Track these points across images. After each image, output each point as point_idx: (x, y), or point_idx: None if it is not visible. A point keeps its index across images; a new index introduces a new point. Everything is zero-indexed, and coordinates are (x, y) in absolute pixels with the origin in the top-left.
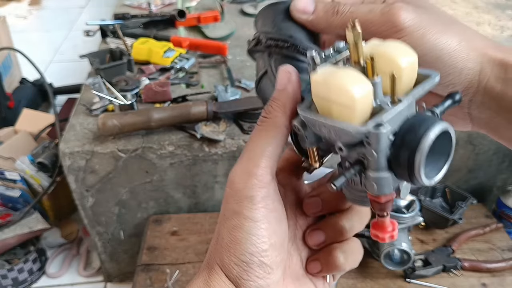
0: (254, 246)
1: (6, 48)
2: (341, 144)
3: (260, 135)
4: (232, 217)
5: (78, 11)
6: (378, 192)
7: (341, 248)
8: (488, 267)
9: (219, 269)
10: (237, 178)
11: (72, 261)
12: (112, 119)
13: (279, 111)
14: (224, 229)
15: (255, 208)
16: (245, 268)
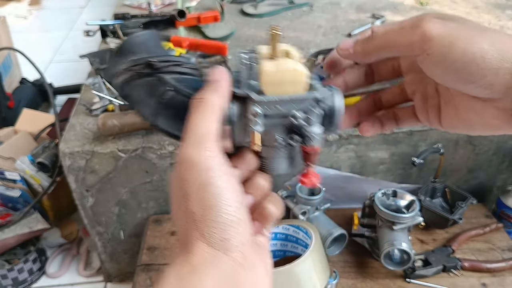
0: (227, 206)
1: (6, 48)
2: (296, 113)
3: (198, 116)
4: (198, 190)
5: (78, 11)
6: (317, 144)
7: (270, 201)
8: (488, 267)
9: (198, 242)
10: (191, 155)
11: (72, 261)
12: (112, 119)
13: (214, 94)
14: (192, 205)
15: (217, 175)
16: (225, 228)
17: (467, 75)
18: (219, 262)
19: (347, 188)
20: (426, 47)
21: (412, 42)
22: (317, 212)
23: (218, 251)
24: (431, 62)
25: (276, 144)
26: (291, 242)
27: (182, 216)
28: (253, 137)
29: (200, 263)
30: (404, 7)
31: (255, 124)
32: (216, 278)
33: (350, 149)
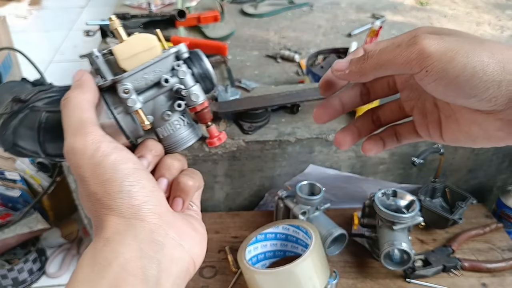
0: (126, 175)
1: (6, 48)
2: (166, 75)
3: (69, 111)
4: (92, 171)
5: (78, 11)
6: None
7: (183, 174)
8: (488, 267)
9: (108, 216)
10: (75, 143)
11: (72, 261)
12: None
13: (77, 91)
14: (92, 186)
15: (107, 151)
16: (130, 195)
17: (469, 89)
18: (134, 228)
19: (347, 188)
20: (425, 65)
21: (409, 60)
22: (317, 212)
23: (131, 219)
24: (431, 79)
25: (167, 119)
26: (291, 242)
27: (88, 201)
28: (139, 117)
29: (113, 234)
30: (404, 7)
31: (133, 102)
32: (131, 242)
33: (350, 149)
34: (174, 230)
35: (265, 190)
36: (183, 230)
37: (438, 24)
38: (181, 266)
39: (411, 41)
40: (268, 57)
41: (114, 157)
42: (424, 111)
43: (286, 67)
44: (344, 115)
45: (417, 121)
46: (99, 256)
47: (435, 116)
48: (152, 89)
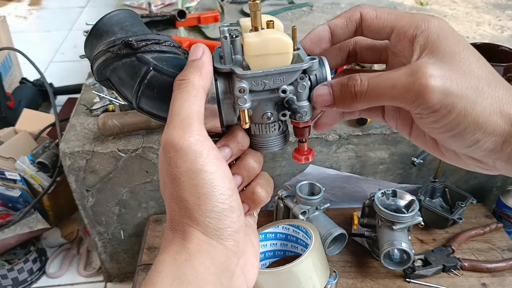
0: (221, 195)
1: (6, 48)
2: (285, 87)
3: (182, 97)
4: (189, 177)
5: (78, 11)
6: (307, 118)
7: (259, 184)
8: (488, 267)
9: (193, 230)
10: (179, 140)
11: (72, 261)
12: (112, 119)
13: (196, 74)
14: (185, 192)
15: (208, 161)
16: (219, 217)
17: (463, 139)
18: (214, 250)
19: (347, 188)
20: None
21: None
22: (317, 212)
23: (212, 239)
24: (427, 122)
25: (266, 121)
26: (291, 242)
27: (173, 202)
28: (242, 116)
29: (196, 251)
30: (404, 7)
31: (243, 101)
32: (210, 265)
33: (350, 149)
34: (243, 259)
35: None
36: (249, 258)
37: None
38: None
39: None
40: None
41: (214, 170)
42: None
43: None
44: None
45: (387, 112)
46: (179, 270)
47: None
48: (265, 93)
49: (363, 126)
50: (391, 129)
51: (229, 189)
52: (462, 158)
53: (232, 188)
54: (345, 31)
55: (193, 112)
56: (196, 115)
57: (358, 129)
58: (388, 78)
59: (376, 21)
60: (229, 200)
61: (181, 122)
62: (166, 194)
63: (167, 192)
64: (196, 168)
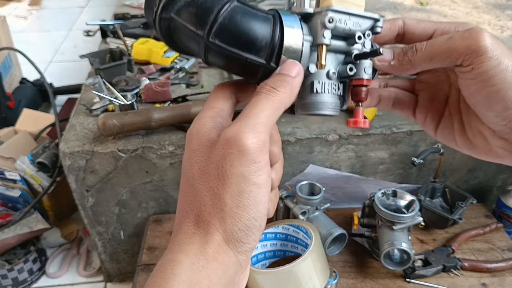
0: (259, 212)
1: (6, 48)
2: (360, 33)
3: (267, 104)
4: (238, 182)
5: (78, 11)
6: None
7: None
8: (488, 267)
9: (218, 232)
10: (246, 140)
11: (72, 261)
12: (112, 119)
13: (288, 91)
14: (227, 194)
15: (261, 173)
16: (247, 233)
17: (494, 102)
18: (228, 261)
19: (347, 188)
20: (477, 61)
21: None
22: (317, 212)
23: (230, 250)
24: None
25: (331, 76)
26: (291, 242)
27: (209, 197)
28: (321, 53)
29: (213, 258)
30: (404, 7)
31: (328, 34)
32: (222, 276)
33: (350, 149)
34: (245, 273)
35: None
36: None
37: None
38: None
39: (465, 34)
40: None
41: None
42: (432, 98)
43: None
44: (344, 113)
45: (421, 105)
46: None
47: (440, 108)
48: (339, 40)
49: None
50: (391, 129)
51: (266, 208)
52: (490, 141)
53: (268, 208)
54: (388, 33)
55: (270, 123)
56: (270, 127)
57: (358, 129)
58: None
59: (418, 25)
60: (262, 219)
61: (256, 126)
62: (201, 185)
63: (205, 185)
64: (249, 176)
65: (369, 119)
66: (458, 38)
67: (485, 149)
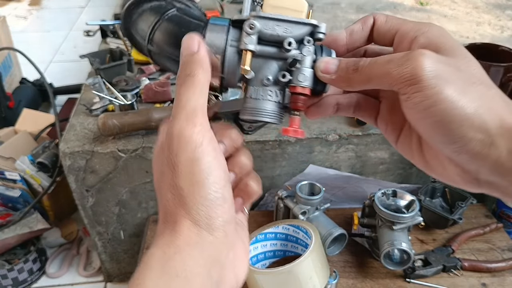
0: (215, 184)
1: (6, 48)
2: (291, 39)
3: (189, 92)
4: (188, 165)
5: (78, 11)
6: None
7: (252, 178)
8: (488, 267)
9: (184, 219)
10: (183, 130)
11: (72, 261)
12: (112, 119)
13: (199, 70)
14: (180, 180)
15: (206, 151)
16: (211, 205)
17: (448, 131)
18: (203, 241)
19: (347, 188)
20: (412, 91)
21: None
22: (317, 212)
23: (203, 230)
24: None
25: (265, 83)
26: (291, 242)
27: (169, 191)
28: (244, 58)
29: (185, 243)
30: (404, 7)
31: (250, 41)
32: (199, 257)
33: (350, 149)
34: (233, 251)
35: (265, 190)
36: (238, 252)
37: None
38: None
39: (404, 58)
40: None
41: (212, 160)
42: (393, 108)
43: None
44: None
45: (382, 113)
46: (168, 264)
47: (400, 120)
48: (272, 47)
49: (363, 126)
50: None
51: (223, 179)
52: (446, 166)
53: (226, 179)
54: (360, 35)
55: (199, 106)
56: (201, 109)
57: (358, 129)
58: (387, 56)
59: (384, 25)
60: (222, 190)
61: (186, 115)
62: (163, 185)
63: (164, 183)
64: (194, 157)
65: None
66: (395, 63)
67: (442, 173)
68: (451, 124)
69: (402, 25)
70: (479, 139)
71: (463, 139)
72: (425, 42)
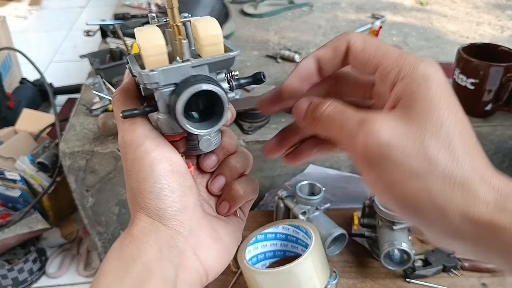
0: (160, 176)
1: (6, 48)
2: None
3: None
4: (134, 166)
5: (78, 11)
6: (164, 131)
7: (238, 182)
8: (488, 267)
9: (139, 213)
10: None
11: (72, 261)
12: (112, 119)
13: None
14: (132, 181)
15: (148, 149)
16: (159, 197)
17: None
18: (156, 230)
19: (347, 188)
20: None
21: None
22: (317, 212)
23: (155, 220)
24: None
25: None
26: (291, 242)
27: (128, 195)
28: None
29: (139, 232)
30: (404, 7)
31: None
32: (154, 244)
33: None
34: (193, 239)
35: (265, 190)
36: (202, 240)
37: (438, 24)
38: (194, 275)
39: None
40: (268, 57)
41: (154, 155)
42: None
43: (286, 67)
44: None
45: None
46: (125, 251)
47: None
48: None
49: None
50: None
51: (169, 171)
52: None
53: (173, 170)
54: (333, 63)
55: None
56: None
57: None
58: (345, 116)
59: (362, 55)
60: (167, 181)
61: (124, 125)
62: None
63: (126, 189)
64: (138, 156)
65: None
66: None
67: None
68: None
69: (384, 59)
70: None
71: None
72: (401, 93)
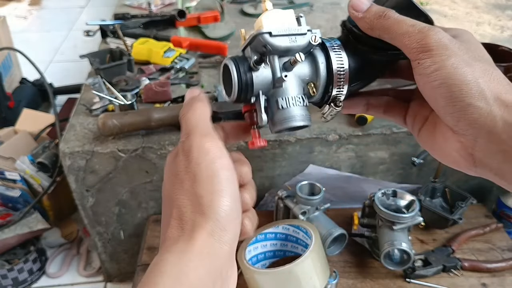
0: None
1: (6, 48)
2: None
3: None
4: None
5: (78, 11)
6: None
7: (247, 217)
8: (488, 267)
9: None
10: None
11: (72, 261)
12: (112, 119)
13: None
14: (201, 189)
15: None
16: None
17: (442, 97)
18: (213, 254)
19: (347, 188)
20: (422, 57)
21: (412, 45)
22: (317, 212)
23: (216, 242)
24: (419, 69)
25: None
26: (291, 242)
27: (187, 198)
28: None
29: (199, 252)
30: None
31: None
32: (209, 268)
33: (350, 149)
34: (231, 270)
35: (265, 190)
36: (233, 273)
37: (438, 24)
38: None
39: (424, 29)
40: None
41: (230, 172)
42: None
43: None
44: (345, 115)
45: (412, 109)
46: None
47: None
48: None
49: (363, 126)
50: (391, 129)
51: (238, 195)
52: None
53: (238, 190)
54: None
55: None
56: (212, 131)
57: (358, 129)
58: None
59: None
60: (237, 204)
61: (201, 132)
62: (178, 192)
63: (181, 190)
64: (214, 167)
65: (369, 120)
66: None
67: (444, 152)
68: (452, 87)
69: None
70: (477, 106)
71: (461, 103)
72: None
